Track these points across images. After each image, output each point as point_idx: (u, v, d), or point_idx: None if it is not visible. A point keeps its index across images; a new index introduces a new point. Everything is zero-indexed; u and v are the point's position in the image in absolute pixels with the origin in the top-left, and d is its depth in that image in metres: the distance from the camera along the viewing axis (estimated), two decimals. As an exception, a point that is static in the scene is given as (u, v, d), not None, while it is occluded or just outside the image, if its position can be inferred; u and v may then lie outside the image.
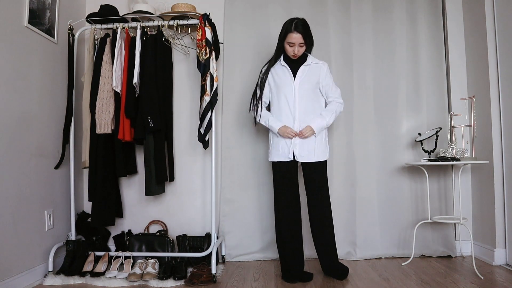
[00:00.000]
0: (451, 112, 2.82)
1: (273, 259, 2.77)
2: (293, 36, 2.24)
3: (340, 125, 2.86)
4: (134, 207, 2.88)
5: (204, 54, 2.39)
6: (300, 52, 2.29)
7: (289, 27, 2.25)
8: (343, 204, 2.82)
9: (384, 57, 2.91)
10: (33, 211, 2.32)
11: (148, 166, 2.54)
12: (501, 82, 2.55)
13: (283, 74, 2.36)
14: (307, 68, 2.36)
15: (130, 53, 2.53)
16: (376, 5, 2.92)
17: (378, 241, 2.81)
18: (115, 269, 2.41)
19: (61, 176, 2.61)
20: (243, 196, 2.84)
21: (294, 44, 2.26)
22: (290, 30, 2.24)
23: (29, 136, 2.30)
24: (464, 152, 2.63)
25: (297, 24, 2.24)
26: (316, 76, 2.37)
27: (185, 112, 2.90)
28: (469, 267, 2.50)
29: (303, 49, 2.30)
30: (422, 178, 2.83)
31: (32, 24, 2.31)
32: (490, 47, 2.60)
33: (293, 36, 2.23)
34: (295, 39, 2.24)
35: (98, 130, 2.46)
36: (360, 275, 2.39)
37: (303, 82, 2.34)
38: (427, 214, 2.73)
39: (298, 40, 2.24)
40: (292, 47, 2.28)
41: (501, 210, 2.54)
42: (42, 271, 2.37)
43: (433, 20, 2.92)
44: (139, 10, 2.58)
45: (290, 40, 2.25)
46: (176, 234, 2.79)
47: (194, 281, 2.25)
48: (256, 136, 2.86)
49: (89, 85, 2.56)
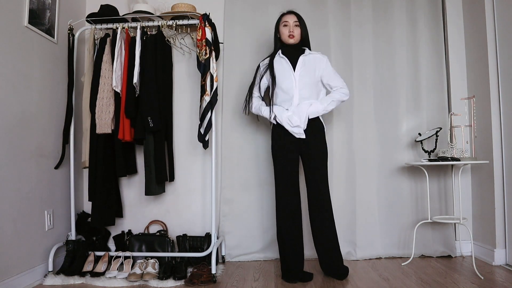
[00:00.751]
0: (451, 112, 2.82)
1: (273, 259, 2.77)
2: (286, 16, 2.36)
3: (341, 125, 2.86)
4: (134, 207, 2.88)
5: (204, 54, 2.39)
6: (296, 32, 2.35)
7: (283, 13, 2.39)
8: (343, 204, 2.82)
9: (384, 57, 2.91)
10: (33, 211, 2.32)
11: (148, 166, 2.54)
12: (501, 82, 2.55)
13: (281, 66, 2.37)
14: (306, 59, 2.36)
15: (130, 53, 2.53)
16: (376, 6, 2.92)
17: (378, 241, 2.81)
18: (115, 269, 2.41)
19: (61, 176, 2.61)
20: (243, 196, 2.84)
21: (288, 22, 2.34)
22: (284, 14, 2.38)
23: (29, 136, 2.30)
24: (464, 152, 2.63)
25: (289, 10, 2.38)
26: (316, 68, 2.37)
27: (185, 112, 2.90)
28: (469, 267, 2.50)
29: (299, 30, 2.36)
30: (422, 178, 2.83)
31: (32, 24, 2.31)
32: (490, 47, 2.60)
33: (287, 16, 2.36)
34: (289, 17, 2.35)
35: (98, 130, 2.46)
36: (360, 275, 2.39)
37: (303, 74, 2.34)
38: (427, 214, 2.73)
39: (292, 19, 2.34)
40: (286, 27, 2.35)
41: (501, 210, 2.54)
42: (42, 271, 2.37)
43: (433, 20, 2.92)
44: (139, 10, 2.58)
45: (285, 19, 2.36)
46: (176, 234, 2.79)
47: (194, 281, 2.25)
48: (256, 136, 2.86)
49: (89, 85, 2.56)
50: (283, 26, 2.36)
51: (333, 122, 2.86)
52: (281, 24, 2.38)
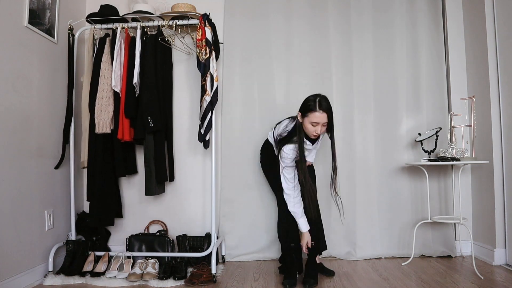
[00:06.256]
0: (451, 112, 2.82)
1: (273, 259, 2.77)
2: (317, 116, 2.10)
3: (340, 125, 2.86)
4: (134, 207, 2.88)
5: (204, 54, 2.39)
6: (322, 131, 2.17)
7: (313, 106, 2.10)
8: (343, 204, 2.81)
9: (384, 57, 2.91)
10: (33, 211, 2.32)
11: (148, 166, 2.54)
12: (501, 82, 2.56)
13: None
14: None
15: (130, 53, 2.53)
16: (376, 6, 2.92)
17: (378, 241, 2.81)
18: (115, 269, 2.41)
19: (61, 176, 2.61)
20: (243, 196, 2.84)
21: (318, 124, 2.12)
22: (313, 110, 2.10)
23: (29, 136, 2.30)
24: (464, 152, 2.63)
25: (320, 102, 2.10)
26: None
27: (185, 112, 2.90)
28: (469, 267, 2.50)
29: (325, 129, 2.18)
30: (422, 178, 2.83)
31: (32, 24, 2.31)
32: (490, 47, 2.60)
33: (318, 116, 2.10)
34: (319, 118, 2.10)
35: (97, 130, 2.46)
36: (360, 275, 2.39)
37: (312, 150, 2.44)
38: (427, 214, 2.73)
39: (323, 120, 2.11)
40: (315, 127, 2.14)
41: (501, 210, 2.55)
42: (42, 271, 2.37)
43: (433, 21, 2.92)
44: (139, 10, 2.58)
45: (315, 119, 2.11)
46: (176, 234, 2.79)
47: (194, 281, 2.25)
48: (256, 136, 2.86)
49: (88, 84, 2.56)
50: (311, 125, 2.13)
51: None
52: (307, 120, 2.14)
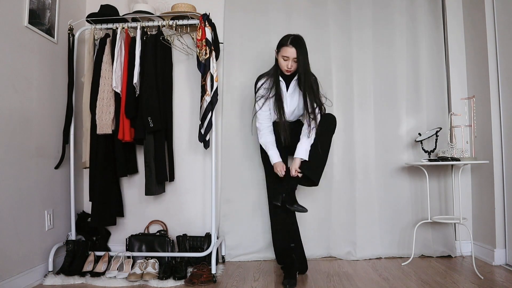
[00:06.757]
0: (451, 112, 2.82)
1: (273, 259, 2.77)
2: (287, 50, 2.21)
3: (340, 125, 2.85)
4: (134, 207, 2.88)
5: (204, 54, 2.39)
6: (294, 67, 2.25)
7: (285, 41, 2.23)
8: (343, 204, 2.82)
9: (384, 57, 2.90)
10: (33, 211, 2.32)
11: (148, 166, 2.54)
12: (501, 82, 2.55)
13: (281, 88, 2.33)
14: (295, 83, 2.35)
15: (130, 53, 2.53)
16: (376, 6, 2.92)
17: (378, 241, 2.81)
18: (115, 269, 2.41)
19: (61, 176, 2.61)
20: (243, 196, 2.84)
21: (288, 58, 2.22)
22: (284, 45, 2.23)
23: (29, 136, 2.30)
24: (464, 152, 2.63)
25: (292, 39, 2.22)
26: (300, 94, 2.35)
27: (185, 112, 2.90)
28: (469, 267, 2.50)
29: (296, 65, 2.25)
30: (422, 178, 2.83)
31: (32, 24, 2.31)
32: (490, 47, 2.60)
33: (288, 50, 2.21)
34: (289, 52, 2.21)
35: (99, 130, 2.46)
36: (360, 275, 2.39)
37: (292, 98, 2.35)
38: (427, 214, 2.73)
39: (292, 55, 2.21)
40: (286, 61, 2.24)
41: (501, 210, 2.54)
42: (42, 271, 2.37)
43: (433, 20, 2.92)
44: (139, 10, 2.58)
45: (285, 53, 2.22)
46: (176, 234, 2.79)
47: (194, 281, 2.25)
48: (256, 136, 2.85)
49: (89, 85, 2.56)
50: (283, 59, 2.25)
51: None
52: (280, 55, 2.26)
